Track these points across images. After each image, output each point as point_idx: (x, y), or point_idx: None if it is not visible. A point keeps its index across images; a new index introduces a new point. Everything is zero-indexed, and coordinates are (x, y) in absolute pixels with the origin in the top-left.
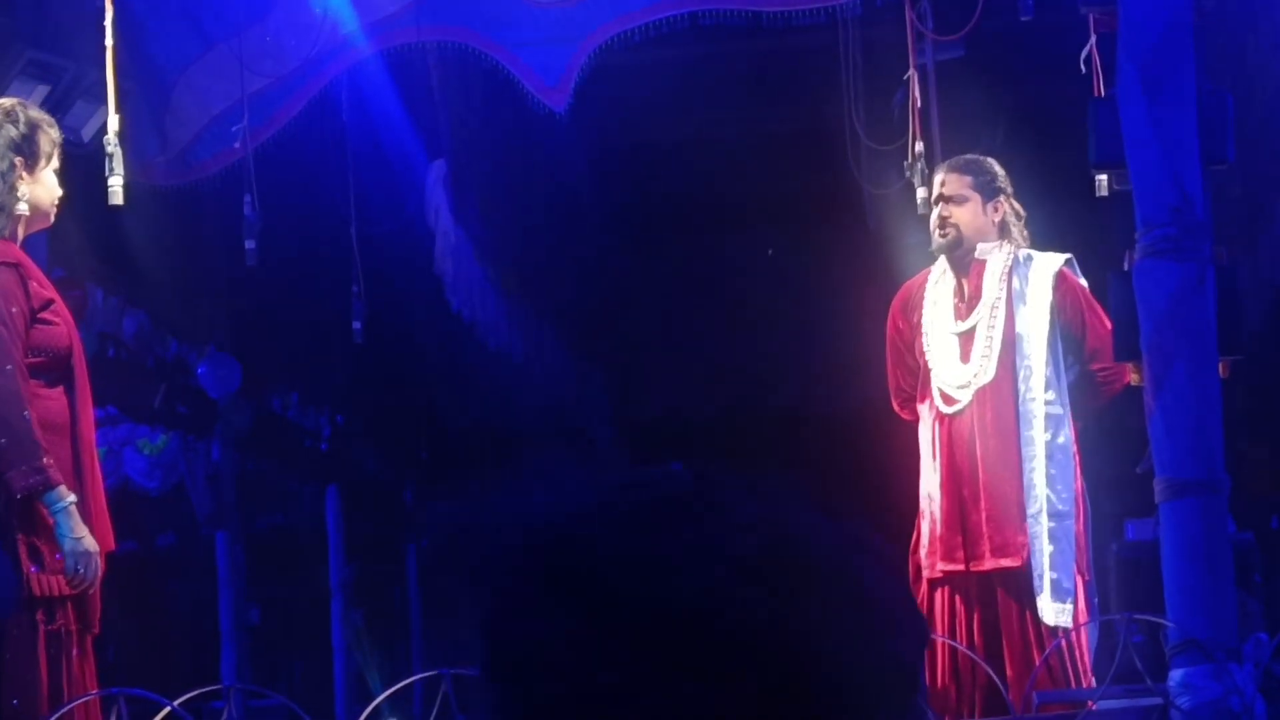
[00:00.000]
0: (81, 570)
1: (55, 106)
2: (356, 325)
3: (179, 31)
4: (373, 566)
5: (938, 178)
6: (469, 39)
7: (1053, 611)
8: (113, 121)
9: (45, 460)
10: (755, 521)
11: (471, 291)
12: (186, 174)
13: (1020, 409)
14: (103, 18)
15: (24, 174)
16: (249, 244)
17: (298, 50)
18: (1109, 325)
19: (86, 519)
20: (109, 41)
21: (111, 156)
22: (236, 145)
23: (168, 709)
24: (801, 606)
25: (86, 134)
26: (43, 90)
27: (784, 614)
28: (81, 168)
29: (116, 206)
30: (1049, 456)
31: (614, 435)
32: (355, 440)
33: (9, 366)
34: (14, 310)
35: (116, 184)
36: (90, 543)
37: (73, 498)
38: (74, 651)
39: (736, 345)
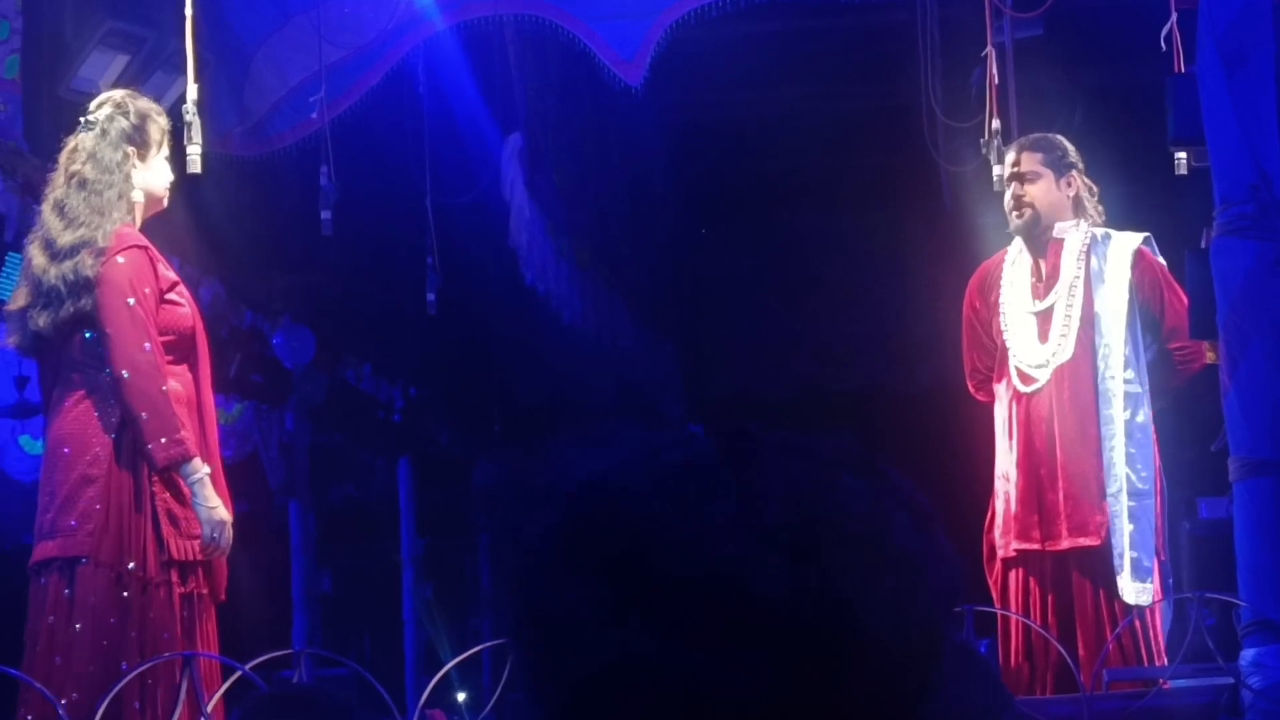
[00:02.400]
0: (217, 537)
1: (135, 76)
2: (431, 297)
3: (258, 3)
4: (443, 539)
5: (1009, 156)
6: (545, 12)
7: (1133, 591)
8: (191, 90)
9: (183, 433)
10: (779, 487)
11: (545, 265)
12: (264, 145)
13: (1099, 387)
14: None
15: (137, 162)
16: (325, 215)
17: (375, 22)
18: (1187, 304)
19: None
20: (189, 11)
21: (190, 125)
22: (314, 116)
23: (239, 673)
24: (829, 572)
25: (165, 103)
26: (122, 60)
27: (811, 580)
28: None
29: (194, 175)
30: (1128, 435)
31: (685, 411)
32: (428, 413)
33: (147, 344)
34: (146, 291)
35: (195, 153)
36: (224, 512)
37: (207, 469)
38: (205, 615)
39: (810, 322)
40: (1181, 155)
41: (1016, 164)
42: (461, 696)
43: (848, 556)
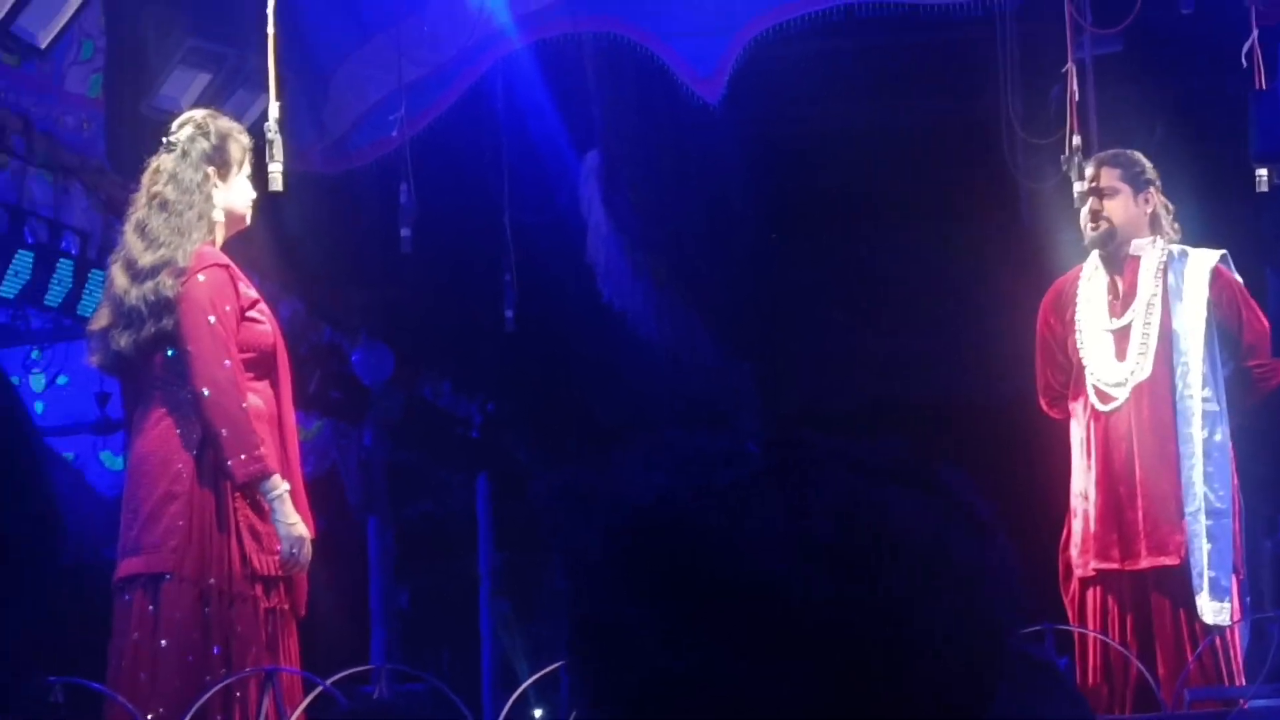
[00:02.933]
0: (296, 553)
1: (216, 94)
2: (509, 314)
3: (338, 22)
4: (521, 554)
5: (1087, 172)
6: (623, 29)
7: (1211, 610)
8: (273, 109)
9: (262, 450)
10: (832, 500)
11: (622, 281)
12: (343, 162)
13: (1178, 406)
14: (264, 6)
15: (218, 182)
16: (404, 232)
17: (454, 40)
18: (1265, 322)
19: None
20: (271, 30)
21: (271, 143)
22: (394, 134)
23: (320, 688)
24: (879, 585)
25: (246, 121)
26: (204, 78)
27: (861, 594)
28: None
29: (276, 193)
30: (1206, 454)
31: (760, 426)
32: (505, 429)
33: (227, 361)
34: (227, 309)
35: (277, 171)
36: (303, 528)
37: (286, 485)
38: (287, 630)
39: (887, 338)
40: (1262, 172)
41: (1094, 179)
42: (539, 713)
43: (899, 570)
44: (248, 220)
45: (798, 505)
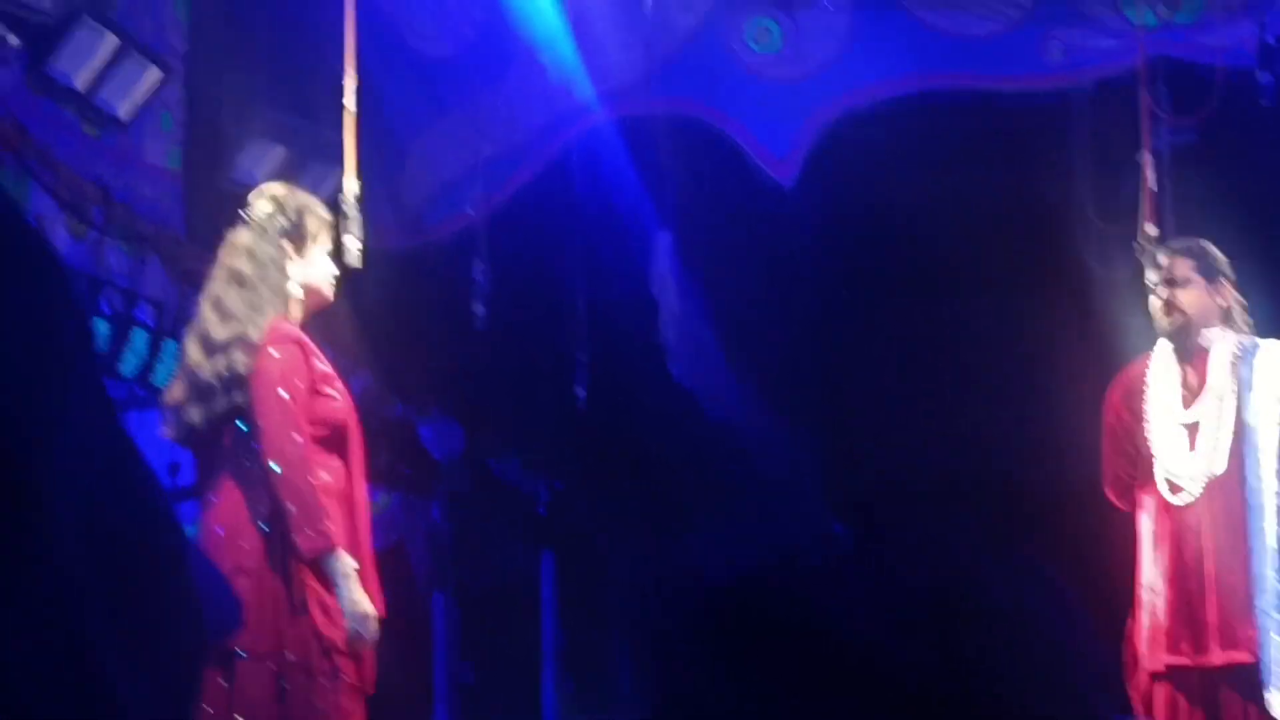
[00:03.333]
0: (361, 631)
1: (292, 167)
2: (580, 391)
3: (415, 98)
4: (586, 634)
5: (1161, 261)
6: (698, 111)
7: None
8: (351, 184)
9: (328, 525)
10: (926, 577)
11: (694, 361)
12: (417, 237)
13: (1249, 500)
14: (340, 79)
15: (294, 256)
16: (477, 308)
17: (531, 117)
18: None
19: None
20: (349, 105)
21: (349, 219)
22: (469, 210)
23: None
24: (975, 660)
25: (322, 194)
26: (280, 151)
27: (962, 667)
28: None
29: (353, 269)
30: (1278, 549)
31: (824, 502)
32: (573, 507)
33: (296, 436)
34: (298, 383)
35: (355, 247)
36: (368, 606)
37: (354, 563)
38: (355, 706)
39: (955, 419)
40: None
41: (1169, 268)
42: None
43: (996, 646)
44: (329, 296)
45: (892, 580)
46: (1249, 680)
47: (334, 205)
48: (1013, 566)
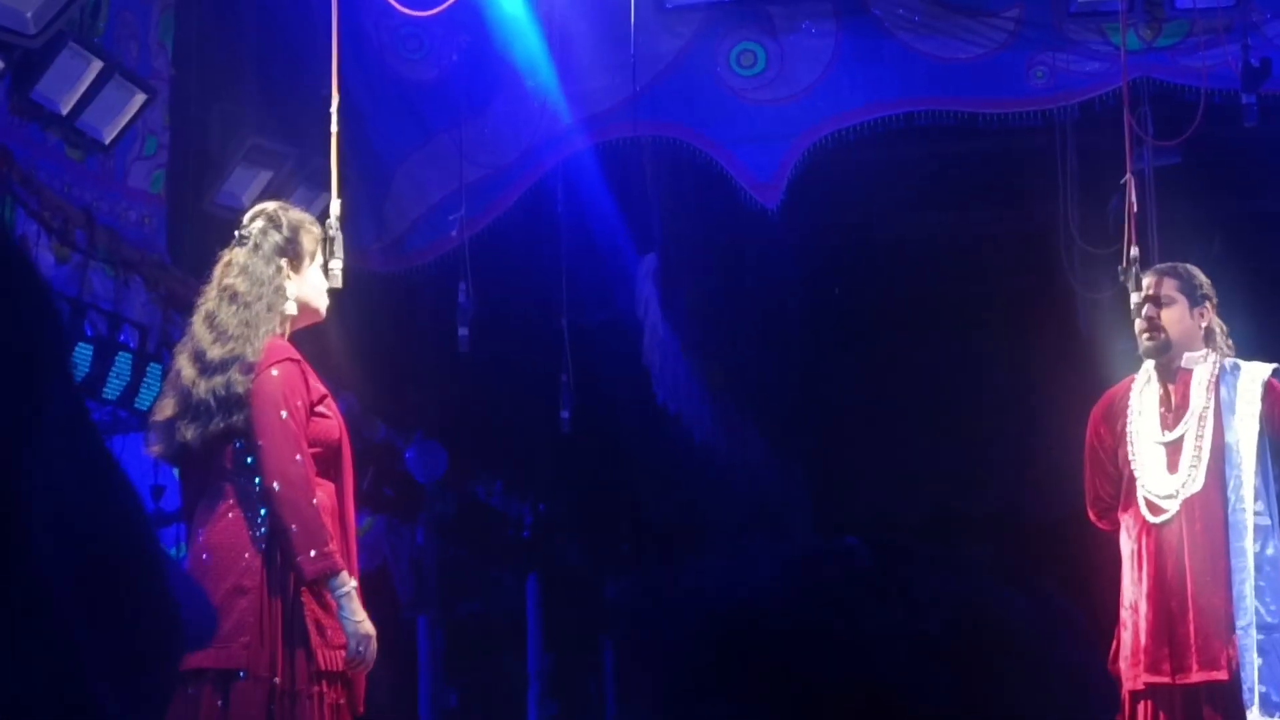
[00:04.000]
0: (363, 651)
1: (277, 192)
2: (565, 415)
3: (400, 122)
4: (570, 656)
5: (1145, 281)
6: (683, 134)
7: None
8: (335, 206)
9: (331, 546)
10: (941, 597)
11: (678, 384)
12: (402, 261)
13: (1230, 519)
14: (327, 106)
15: (291, 274)
16: (462, 331)
17: (515, 142)
18: None
19: None
20: (334, 128)
21: (333, 240)
22: (453, 234)
23: None
24: (990, 683)
25: None
26: (265, 176)
27: (973, 692)
28: None
29: (336, 289)
30: (1258, 568)
31: (813, 533)
32: (557, 530)
33: (298, 456)
34: (298, 403)
35: (337, 267)
36: (369, 626)
37: (354, 583)
38: None
39: (941, 446)
40: None
41: (1152, 288)
42: None
43: (1013, 669)
44: (323, 312)
45: (902, 601)
46: (1229, 699)
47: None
48: (1018, 589)
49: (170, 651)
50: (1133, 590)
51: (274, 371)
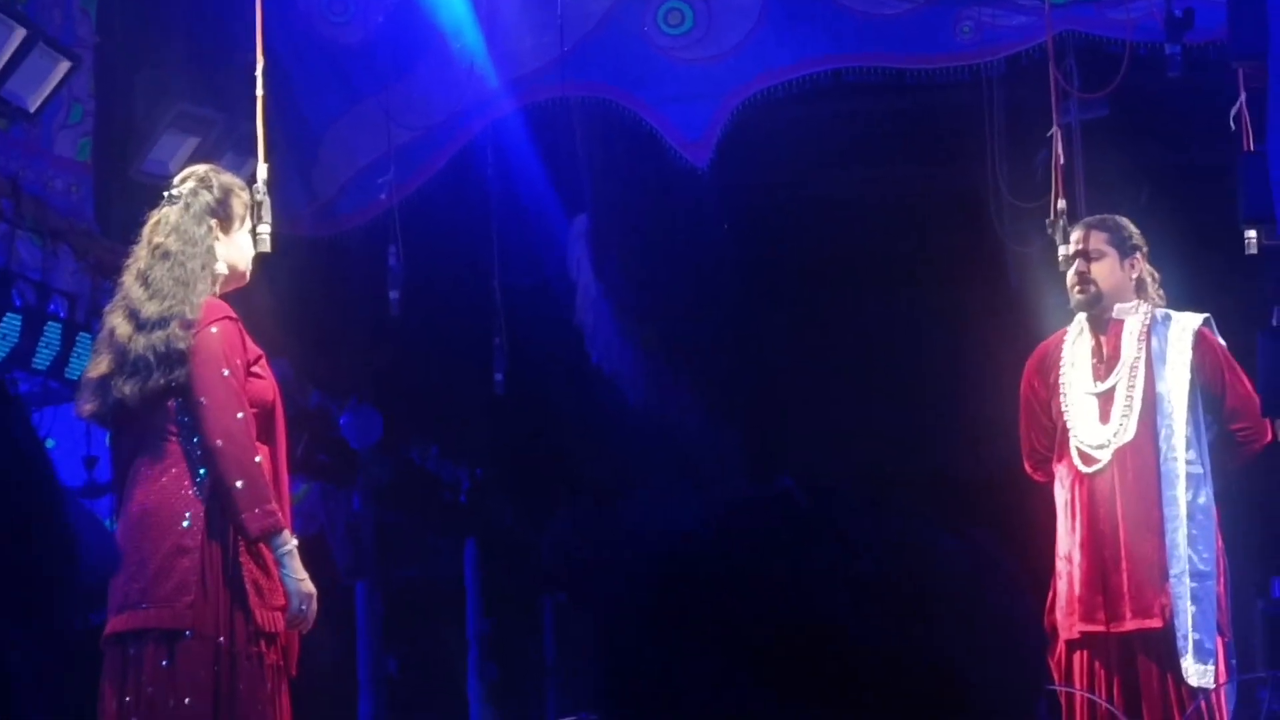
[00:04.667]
0: (304, 610)
1: (205, 158)
2: (498, 377)
3: (327, 86)
4: (509, 620)
5: (1074, 235)
6: (612, 94)
7: (1196, 673)
8: (262, 170)
9: (275, 504)
10: (875, 540)
11: (611, 345)
12: (333, 225)
13: (1161, 469)
14: (253, 70)
15: (220, 235)
16: (393, 294)
17: (444, 104)
18: (1248, 385)
19: None
20: (260, 92)
21: (261, 205)
22: (382, 197)
23: None
24: (924, 625)
25: None
26: (193, 142)
27: (906, 633)
28: None
29: (263, 255)
30: (1190, 517)
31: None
32: (493, 494)
33: (240, 414)
34: (238, 362)
35: (265, 232)
36: (310, 585)
37: (295, 541)
38: (281, 688)
39: (874, 404)
40: (1251, 234)
41: (1081, 242)
42: None
43: (948, 611)
44: (248, 276)
45: (837, 544)
46: (1163, 647)
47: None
48: (954, 538)
49: (69, 584)
50: (1067, 540)
51: (214, 329)
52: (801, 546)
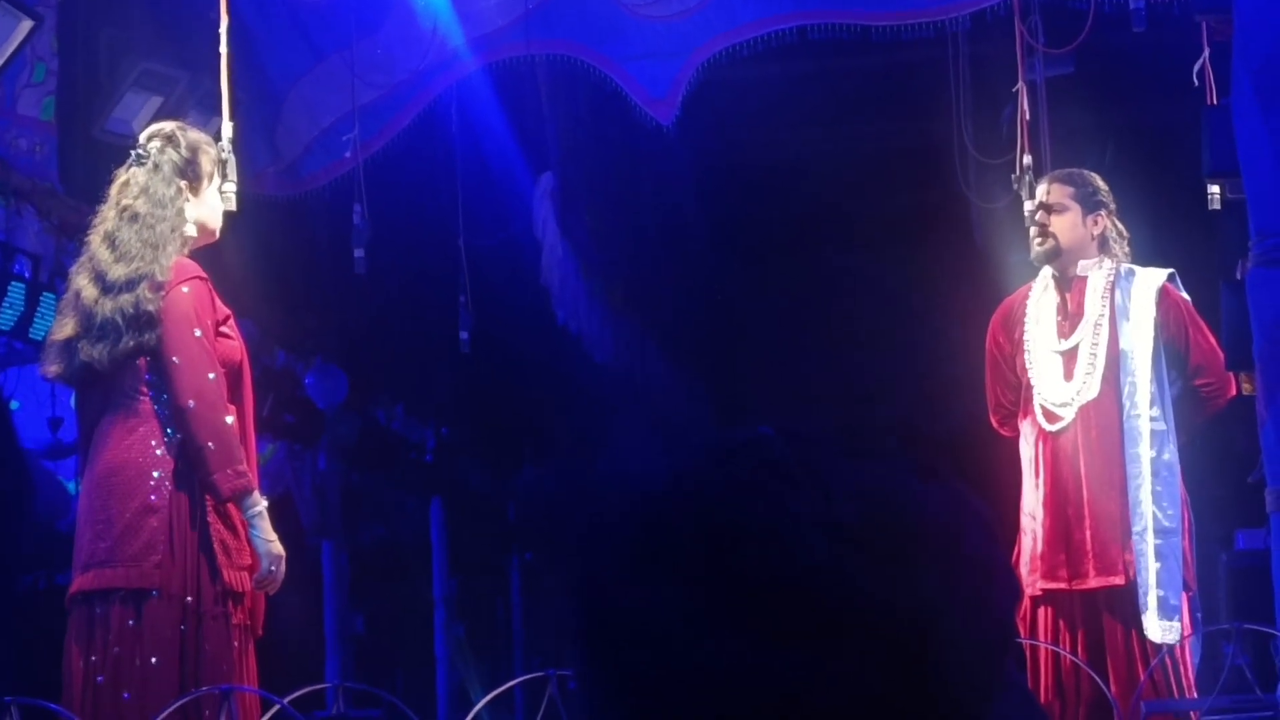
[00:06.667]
0: (274, 570)
1: (168, 117)
2: (464, 336)
3: (290, 44)
4: (475, 579)
5: (1040, 188)
6: (577, 52)
7: (1159, 629)
8: (226, 128)
9: (245, 465)
10: (855, 486)
11: (578, 304)
12: (297, 185)
13: (1125, 425)
14: (216, 29)
15: (189, 195)
16: (358, 253)
17: (408, 62)
18: (1212, 340)
19: None
20: (224, 49)
21: (225, 163)
22: (347, 155)
23: (277, 707)
24: (904, 571)
25: None
26: (156, 101)
27: (887, 579)
28: None
29: (227, 214)
30: (1154, 473)
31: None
32: (459, 453)
33: (211, 375)
34: (209, 322)
35: (230, 190)
36: (279, 546)
37: (265, 503)
38: (248, 647)
39: (842, 361)
40: (1214, 189)
41: (1045, 194)
42: None
43: (928, 558)
44: (217, 234)
45: (817, 491)
46: (1127, 603)
47: None
48: (933, 486)
49: (17, 509)
50: (1031, 497)
51: (185, 289)
52: (780, 493)
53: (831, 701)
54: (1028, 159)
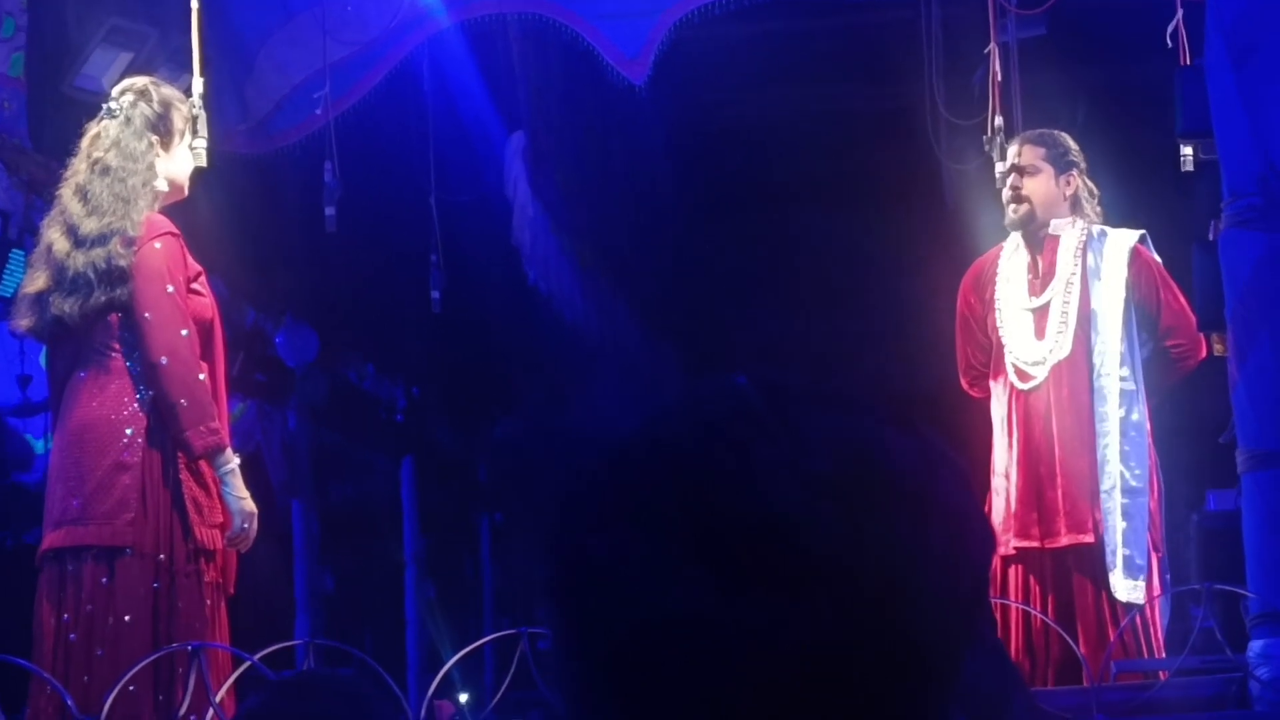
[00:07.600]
0: (246, 527)
1: (138, 73)
2: (435, 295)
3: (261, 1)
4: (446, 539)
5: (1011, 149)
6: (549, 10)
7: (1125, 588)
8: (197, 84)
9: (218, 422)
10: (828, 436)
11: (548, 263)
12: (268, 143)
13: (1095, 385)
14: None
15: (160, 151)
16: (329, 210)
17: (379, 19)
18: (1183, 301)
19: None
20: (195, 4)
21: (196, 119)
22: (318, 113)
23: (248, 663)
24: (878, 521)
25: None
26: (125, 57)
27: (861, 529)
28: None
29: (201, 169)
30: (1123, 433)
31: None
32: (430, 413)
33: (184, 331)
34: (181, 278)
35: (201, 147)
36: (251, 504)
37: (237, 460)
38: (219, 605)
39: (813, 322)
40: (1188, 150)
41: (1017, 156)
42: (464, 697)
43: (900, 508)
44: (186, 190)
45: (796, 437)
46: (1096, 562)
47: None
48: (907, 436)
49: None
50: (1003, 457)
51: (157, 244)
52: (751, 441)
53: (802, 650)
54: (999, 120)
